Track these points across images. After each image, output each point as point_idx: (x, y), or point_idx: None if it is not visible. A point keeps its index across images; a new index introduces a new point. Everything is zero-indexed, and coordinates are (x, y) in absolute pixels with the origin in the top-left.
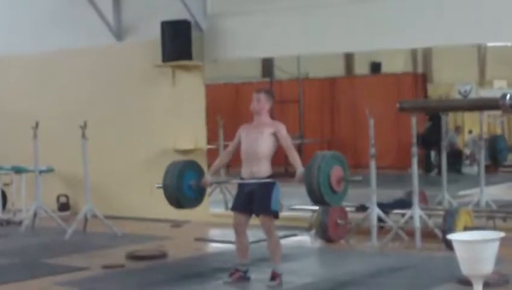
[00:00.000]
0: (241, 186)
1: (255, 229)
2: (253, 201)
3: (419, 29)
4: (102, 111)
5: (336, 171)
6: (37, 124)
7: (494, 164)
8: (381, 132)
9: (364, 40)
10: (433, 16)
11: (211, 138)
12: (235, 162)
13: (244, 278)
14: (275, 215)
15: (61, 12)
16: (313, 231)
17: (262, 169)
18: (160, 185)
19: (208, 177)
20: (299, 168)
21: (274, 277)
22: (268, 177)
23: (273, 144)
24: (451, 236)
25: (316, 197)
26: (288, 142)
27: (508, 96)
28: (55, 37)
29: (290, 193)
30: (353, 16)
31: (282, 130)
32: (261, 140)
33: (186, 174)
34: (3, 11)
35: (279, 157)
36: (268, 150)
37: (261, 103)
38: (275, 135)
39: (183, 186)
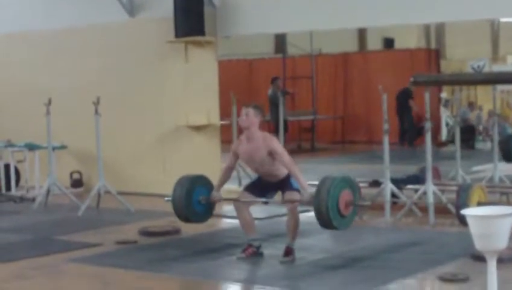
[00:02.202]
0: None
1: (265, 206)
2: (272, 190)
3: (432, 4)
4: (115, 88)
5: (345, 195)
6: (49, 101)
7: (507, 161)
8: (394, 108)
9: (377, 15)
10: None
11: (224, 114)
12: None
13: (257, 253)
14: (298, 190)
15: None
16: None
17: (278, 174)
18: (170, 199)
19: (215, 193)
20: (306, 191)
21: (288, 252)
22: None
23: (269, 162)
24: (464, 211)
25: (324, 222)
26: (285, 159)
27: None
28: (67, 13)
29: (302, 169)
30: None
31: (276, 147)
32: (267, 160)
33: (196, 190)
34: None
35: (293, 132)
36: (277, 163)
37: (250, 118)
38: (271, 154)
39: (193, 202)
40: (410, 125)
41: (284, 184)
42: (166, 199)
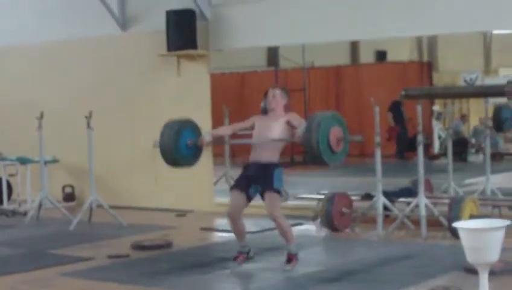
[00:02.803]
0: (244, 169)
1: (258, 219)
2: (255, 183)
3: (425, 17)
4: (107, 101)
5: (336, 132)
6: (41, 115)
7: (497, 131)
8: (386, 121)
9: (370, 28)
10: (439, 3)
11: (216, 126)
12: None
13: (248, 258)
14: (278, 192)
15: (65, 2)
16: (318, 220)
17: (270, 155)
18: (157, 144)
19: (206, 136)
20: (301, 127)
21: (290, 258)
22: (274, 164)
23: (285, 132)
24: (456, 224)
25: (313, 155)
26: (299, 120)
27: None
28: (60, 26)
29: (295, 181)
30: (358, 4)
31: (295, 115)
32: (274, 127)
33: (184, 133)
34: (6, 1)
35: (285, 145)
36: (279, 137)
37: (276, 99)
38: (289, 122)
39: (180, 146)
40: (402, 138)
41: (267, 179)
42: (153, 144)
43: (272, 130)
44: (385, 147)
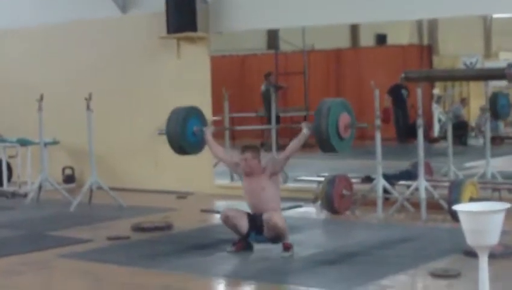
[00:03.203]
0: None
1: None
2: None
3: (425, 0)
4: (107, 83)
5: (344, 118)
6: (41, 97)
7: (494, 118)
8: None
9: (370, 11)
10: None
11: (216, 109)
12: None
13: (248, 247)
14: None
15: None
16: (318, 202)
17: (274, 207)
18: (162, 132)
19: (208, 131)
20: (304, 124)
21: (286, 247)
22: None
23: (274, 181)
24: (456, 207)
25: (323, 140)
26: (275, 160)
27: None
28: (59, 9)
29: (295, 164)
30: None
31: (268, 163)
32: (263, 186)
33: (190, 121)
34: None
35: (285, 128)
36: (274, 190)
37: (249, 163)
38: (272, 173)
39: (187, 133)
40: (401, 122)
41: None
42: (158, 131)
43: (265, 190)
44: (385, 130)
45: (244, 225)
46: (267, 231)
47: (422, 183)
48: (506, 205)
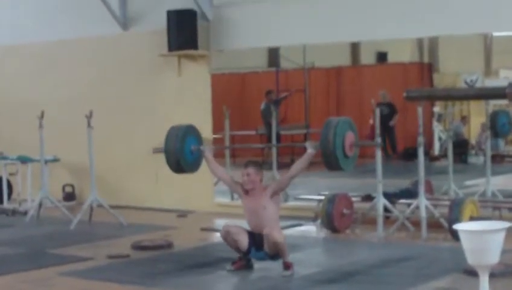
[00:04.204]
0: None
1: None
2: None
3: (426, 18)
4: (108, 101)
5: (349, 136)
6: (42, 114)
7: (494, 136)
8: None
9: (371, 29)
10: (439, 5)
11: (217, 127)
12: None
13: (247, 266)
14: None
15: (66, 1)
16: (318, 221)
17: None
18: (158, 149)
19: (207, 150)
20: (311, 142)
21: (287, 266)
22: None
23: (275, 202)
24: (457, 226)
25: (331, 163)
26: (277, 182)
27: None
28: (61, 26)
29: (295, 182)
30: (359, 5)
31: (271, 185)
32: (264, 205)
33: (188, 139)
34: (7, 0)
35: (286, 148)
36: (274, 211)
37: (251, 178)
38: (273, 193)
39: (185, 151)
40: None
41: None
42: (153, 149)
43: (267, 209)
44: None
45: (244, 240)
46: (267, 247)
47: (422, 201)
48: (507, 224)
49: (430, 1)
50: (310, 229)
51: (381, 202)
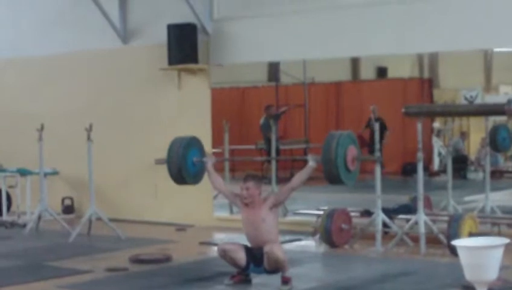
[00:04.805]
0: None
1: None
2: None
3: (426, 34)
4: (108, 114)
5: (352, 150)
6: (42, 127)
7: (495, 151)
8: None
9: (371, 44)
10: (440, 21)
11: (216, 141)
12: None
13: (246, 280)
14: None
15: (67, 15)
16: (317, 236)
17: (273, 239)
18: (161, 161)
19: (209, 161)
20: (312, 156)
21: (285, 281)
22: None
23: (274, 214)
24: (455, 242)
25: (332, 176)
26: (277, 194)
27: None
28: (61, 39)
29: (294, 197)
30: (359, 20)
31: (273, 196)
32: (263, 217)
33: (190, 151)
34: (8, 13)
35: (286, 163)
36: (273, 222)
37: (251, 192)
38: (273, 205)
39: (187, 162)
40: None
41: None
42: (155, 160)
43: (265, 221)
44: (385, 163)
45: (241, 257)
46: (267, 264)
47: (421, 217)
48: (505, 240)
49: (430, 17)
50: (309, 244)
51: (380, 217)
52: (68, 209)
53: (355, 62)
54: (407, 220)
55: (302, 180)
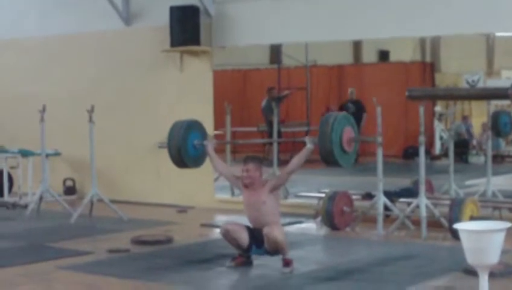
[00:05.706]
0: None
1: None
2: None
3: (428, 17)
4: (110, 96)
5: (347, 132)
6: (44, 108)
7: (496, 136)
8: (388, 120)
9: (373, 28)
10: (442, 4)
11: (218, 124)
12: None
13: (247, 262)
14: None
15: None
16: (318, 219)
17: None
18: (163, 145)
19: (209, 144)
20: (307, 138)
21: (287, 263)
22: None
23: (274, 197)
24: (457, 225)
25: (327, 156)
26: (276, 177)
27: None
28: (63, 21)
29: (295, 180)
30: (362, 3)
31: (274, 179)
32: (264, 200)
33: (191, 134)
34: None
35: (286, 143)
36: (273, 204)
37: (251, 174)
38: (272, 188)
39: (188, 146)
40: None
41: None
42: (158, 144)
43: (266, 204)
44: (387, 147)
45: (244, 238)
46: (267, 245)
47: (423, 201)
48: (507, 224)
49: (432, 0)
50: (310, 226)
51: (382, 200)
52: (70, 190)
53: (357, 45)
54: (409, 204)
55: (300, 162)
